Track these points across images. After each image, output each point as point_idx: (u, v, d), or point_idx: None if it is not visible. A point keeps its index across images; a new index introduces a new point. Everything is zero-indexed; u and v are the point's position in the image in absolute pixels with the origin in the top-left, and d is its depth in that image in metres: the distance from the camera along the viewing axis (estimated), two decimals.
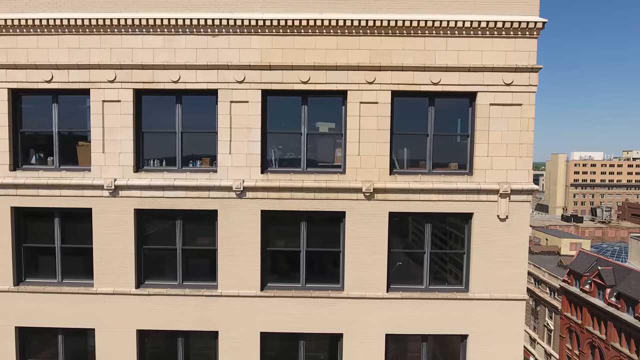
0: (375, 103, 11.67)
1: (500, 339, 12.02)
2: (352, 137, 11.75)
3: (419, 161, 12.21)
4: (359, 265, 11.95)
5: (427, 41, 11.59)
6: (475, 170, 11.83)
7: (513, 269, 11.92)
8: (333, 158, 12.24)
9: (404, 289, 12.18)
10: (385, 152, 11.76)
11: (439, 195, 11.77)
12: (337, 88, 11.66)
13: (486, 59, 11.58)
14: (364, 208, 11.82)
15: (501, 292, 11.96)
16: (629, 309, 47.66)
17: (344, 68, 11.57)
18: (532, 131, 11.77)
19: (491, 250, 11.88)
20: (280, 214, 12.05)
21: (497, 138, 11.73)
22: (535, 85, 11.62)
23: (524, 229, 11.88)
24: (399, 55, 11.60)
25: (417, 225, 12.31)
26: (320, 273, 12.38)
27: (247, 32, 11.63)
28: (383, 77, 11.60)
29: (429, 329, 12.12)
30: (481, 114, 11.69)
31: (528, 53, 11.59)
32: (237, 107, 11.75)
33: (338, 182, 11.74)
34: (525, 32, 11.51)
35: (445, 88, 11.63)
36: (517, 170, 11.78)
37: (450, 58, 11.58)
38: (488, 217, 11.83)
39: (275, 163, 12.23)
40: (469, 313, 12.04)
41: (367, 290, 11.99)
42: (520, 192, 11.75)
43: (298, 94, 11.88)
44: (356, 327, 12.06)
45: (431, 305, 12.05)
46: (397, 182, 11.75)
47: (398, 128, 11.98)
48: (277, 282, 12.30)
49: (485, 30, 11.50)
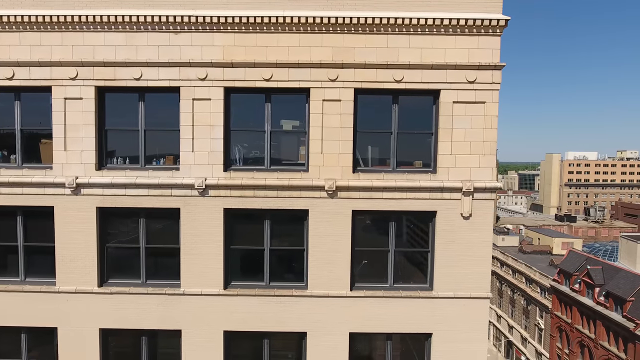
0: (338, 101, 11.62)
1: (464, 337, 11.99)
2: (315, 135, 11.70)
3: (384, 159, 12.17)
4: (323, 264, 11.90)
5: (390, 39, 11.55)
6: (439, 169, 11.80)
7: (477, 267, 11.89)
8: (297, 156, 12.18)
9: (368, 287, 12.14)
10: (349, 150, 11.71)
11: (402, 193, 11.74)
12: (299, 86, 11.61)
13: (449, 57, 11.54)
14: (327, 206, 11.77)
15: (465, 290, 11.93)
16: (617, 308, 47.78)
17: (307, 65, 11.52)
18: (496, 129, 11.74)
19: (455, 248, 11.86)
20: (244, 212, 12.00)
21: (460, 136, 11.70)
22: (498, 83, 11.59)
23: (487, 227, 11.86)
24: (362, 53, 11.55)
25: (381, 224, 12.26)
26: (285, 271, 12.33)
27: (209, 30, 11.56)
28: (346, 75, 11.55)
29: (393, 328, 12.08)
30: (444, 111, 11.66)
31: (491, 51, 11.56)
32: (199, 104, 11.68)
33: (301, 180, 11.69)
34: (488, 30, 11.48)
35: (408, 86, 11.59)
36: (480, 168, 11.75)
37: (414, 56, 11.54)
38: (452, 216, 11.80)
39: (240, 161, 12.17)
40: (433, 312, 12.00)
41: (330, 288, 11.94)
42: (484, 190, 11.72)
43: (261, 92, 11.82)
44: (320, 325, 12.02)
45: (395, 303, 12.01)
46: (360, 180, 11.71)
47: (362, 126, 11.93)
48: (241, 281, 12.25)
49: (448, 28, 11.47)
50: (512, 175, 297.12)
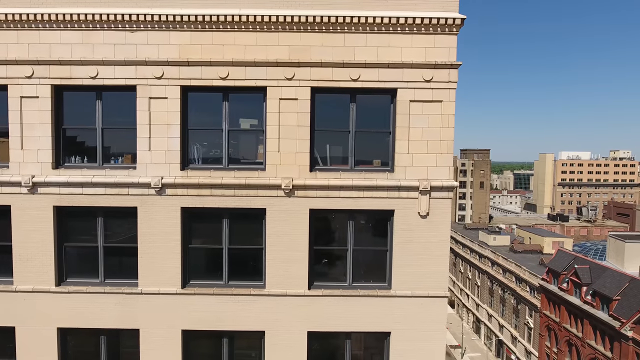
0: (295, 99, 11.61)
1: (422, 336, 12.00)
2: (272, 133, 11.68)
3: (343, 158, 12.16)
4: (280, 263, 11.88)
5: (346, 37, 11.54)
6: (396, 167, 11.80)
7: (434, 266, 11.91)
8: (256, 155, 12.16)
9: (327, 286, 12.14)
10: (306, 148, 11.70)
11: (360, 192, 11.73)
12: (256, 84, 11.59)
13: (406, 55, 11.55)
14: (284, 205, 11.76)
15: (423, 289, 11.94)
16: (603, 306, 48.00)
17: (263, 64, 11.50)
18: (453, 128, 11.75)
19: (412, 247, 11.86)
20: (202, 211, 11.97)
21: (417, 135, 11.71)
22: (455, 81, 11.60)
23: (445, 226, 11.87)
24: (319, 52, 11.54)
25: (340, 222, 12.25)
26: (244, 270, 12.30)
27: (165, 28, 11.52)
28: (302, 74, 11.53)
29: (352, 327, 12.08)
30: (402, 110, 11.67)
31: (448, 49, 11.57)
32: (156, 103, 11.65)
33: (258, 179, 11.67)
34: (444, 29, 11.49)
35: (365, 84, 11.58)
36: (437, 167, 11.76)
37: (370, 54, 11.54)
38: (409, 214, 11.81)
39: (198, 160, 12.14)
40: (391, 310, 12.01)
41: (288, 287, 11.93)
42: (441, 189, 11.73)
43: (218, 90, 11.79)
44: (278, 324, 12.00)
45: (353, 302, 12.01)
46: (318, 179, 11.70)
47: (320, 125, 11.92)
48: (200, 280, 12.22)
49: (404, 27, 11.47)
50: (507, 175, 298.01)
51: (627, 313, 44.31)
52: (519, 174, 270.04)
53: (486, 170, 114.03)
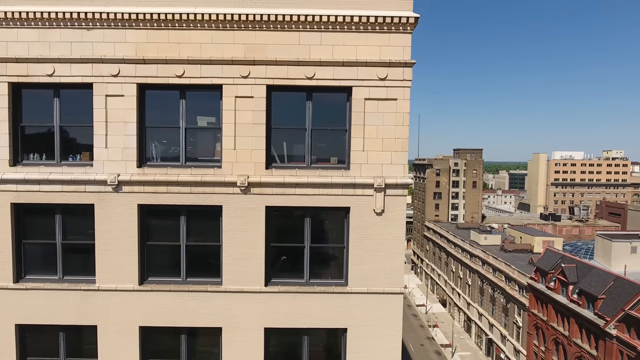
0: (251, 97, 11.69)
1: (378, 332, 12.10)
2: (228, 131, 11.76)
3: (300, 156, 12.24)
4: (237, 259, 11.97)
5: (301, 36, 11.63)
6: (352, 165, 11.90)
7: (389, 263, 12.01)
8: (214, 152, 12.24)
9: (284, 283, 12.23)
10: (262, 146, 11.79)
11: (315, 189, 11.82)
12: (212, 82, 11.66)
13: (360, 54, 11.64)
14: (240, 202, 11.84)
15: (378, 286, 12.05)
16: (589, 305, 48.30)
17: (218, 62, 11.58)
18: (407, 126, 11.86)
19: (368, 244, 11.96)
20: (159, 208, 12.04)
21: (372, 132, 11.80)
22: (409, 80, 11.70)
23: (400, 223, 11.97)
24: (274, 50, 11.62)
25: (297, 220, 12.33)
26: (201, 267, 12.37)
27: (121, 26, 11.58)
28: (257, 72, 11.62)
29: (309, 323, 12.17)
30: (357, 108, 11.76)
31: (402, 48, 11.67)
32: (112, 100, 11.70)
33: (214, 176, 11.75)
34: (399, 27, 11.59)
35: (320, 83, 11.67)
36: (392, 164, 11.86)
37: (325, 53, 11.63)
38: (365, 211, 11.90)
39: (157, 157, 12.21)
40: (347, 307, 12.11)
41: (245, 284, 12.01)
42: (396, 187, 11.83)
43: (175, 88, 11.85)
44: (235, 321, 12.09)
45: (310, 299, 12.10)
46: (273, 176, 11.78)
47: (277, 122, 12.01)
48: (157, 277, 12.28)
49: (359, 25, 11.56)
50: (502, 175, 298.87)
51: (611, 311, 44.61)
52: (514, 174, 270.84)
53: (479, 169, 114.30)
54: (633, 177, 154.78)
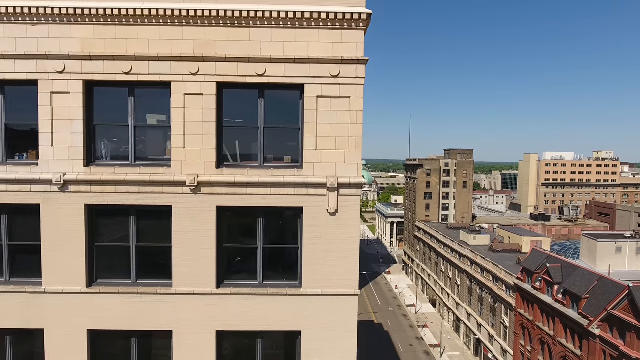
0: (201, 95, 11.42)
1: (333, 335, 11.87)
2: (177, 129, 11.48)
3: (253, 155, 11.98)
4: (187, 261, 11.69)
5: (252, 32, 11.38)
6: (305, 164, 11.66)
7: (344, 263, 11.78)
8: (164, 151, 11.95)
9: (237, 284, 11.96)
10: (212, 144, 11.52)
11: (267, 189, 11.57)
12: (160, 79, 11.38)
13: (312, 51, 11.41)
14: (190, 202, 11.56)
15: (332, 287, 11.81)
16: (573, 305, 48.36)
17: (167, 59, 11.30)
18: (361, 124, 11.64)
19: (322, 244, 11.72)
20: (107, 209, 11.74)
21: (325, 131, 11.57)
22: (362, 77, 11.48)
23: (354, 223, 11.74)
24: (224, 46, 11.36)
25: (250, 220, 12.07)
26: (152, 269, 12.08)
27: (67, 21, 11.28)
28: (207, 69, 11.35)
29: (262, 326, 11.91)
30: (309, 106, 11.53)
31: (355, 45, 11.45)
32: (58, 98, 11.39)
33: (163, 176, 11.46)
34: (351, 24, 11.36)
35: (271, 80, 11.43)
36: (346, 164, 11.64)
37: (276, 49, 11.38)
38: (318, 211, 11.67)
39: (106, 156, 11.91)
40: (301, 309, 11.86)
41: (195, 286, 11.73)
42: (349, 186, 11.61)
43: (123, 85, 11.57)
44: (186, 323, 11.80)
45: (263, 301, 11.85)
46: (224, 176, 11.52)
47: (228, 120, 11.74)
48: (107, 279, 11.98)
49: (311, 21, 11.33)
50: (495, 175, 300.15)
51: (594, 311, 44.69)
52: (507, 174, 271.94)
53: (469, 170, 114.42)
54: (622, 177, 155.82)
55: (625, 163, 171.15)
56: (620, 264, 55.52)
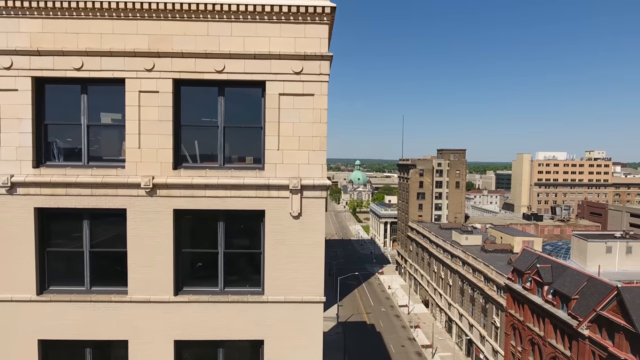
0: (156, 92, 10.85)
1: (297, 344, 11.34)
2: (132, 128, 10.91)
3: (214, 155, 11.42)
4: (143, 267, 11.12)
5: (210, 26, 10.83)
6: (267, 165, 11.12)
7: (308, 269, 11.25)
8: (119, 152, 11.37)
9: (196, 291, 11.40)
10: (169, 144, 10.96)
11: (227, 191, 11.02)
12: (113, 76, 10.81)
13: (274, 46, 10.87)
14: (146, 205, 10.99)
15: (296, 294, 11.28)
16: (563, 305, 48.08)
17: (120, 54, 10.72)
18: (326, 123, 11.11)
19: (285, 249, 11.19)
20: (59, 212, 11.15)
21: (288, 130, 11.04)
22: (326, 74, 10.96)
23: (319, 227, 11.21)
24: (181, 41, 10.80)
25: (210, 224, 11.51)
26: (107, 275, 11.50)
27: (14, 15, 10.68)
28: (163, 65, 10.79)
29: (222, 335, 11.36)
30: (271, 104, 10.99)
31: (319, 40, 10.93)
32: (5, 95, 10.79)
33: (116, 177, 10.89)
34: (314, 18, 10.84)
35: (231, 77, 10.88)
36: (310, 164, 11.11)
37: (235, 44, 10.84)
38: (281, 215, 11.13)
39: (58, 156, 11.32)
40: (263, 317, 11.32)
41: (152, 293, 11.17)
42: (313, 188, 11.08)
43: (75, 82, 10.98)
44: (142, 333, 11.23)
45: (223, 309, 11.30)
46: (181, 177, 10.96)
47: (187, 119, 11.19)
48: (59, 285, 11.39)
49: (272, 15, 10.79)
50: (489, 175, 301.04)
51: (584, 312, 44.41)
52: (501, 174, 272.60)
53: (462, 170, 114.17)
54: (614, 177, 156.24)
55: (617, 163, 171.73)
56: (610, 264, 55.35)
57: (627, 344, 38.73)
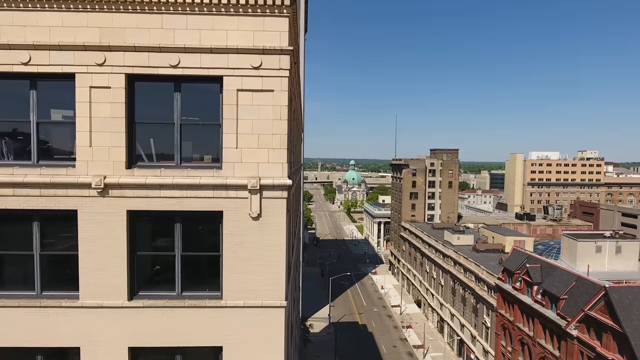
0: (108, 88, 10.36)
1: (257, 350, 10.89)
2: (82, 125, 10.42)
3: (171, 154, 10.94)
4: (95, 270, 10.63)
5: (165, 19, 10.35)
6: (225, 164, 10.65)
7: (269, 273, 10.80)
8: (71, 150, 10.86)
9: (152, 296, 10.93)
10: (121, 142, 10.47)
11: (183, 191, 10.55)
12: (63, 70, 10.31)
13: (232, 40, 10.41)
14: (98, 206, 10.50)
15: (256, 299, 10.83)
16: (552, 305, 47.88)
17: (70, 48, 10.23)
18: (286, 120, 10.67)
19: (244, 252, 10.73)
20: (6, 213, 10.62)
21: (247, 128, 10.58)
22: (287, 69, 10.51)
23: (280, 228, 10.77)
24: (133, 35, 10.32)
25: (166, 226, 11.03)
26: (58, 279, 11.00)
27: None
28: (115, 59, 10.30)
29: (179, 341, 10.89)
30: (229, 100, 10.52)
31: (279, 33, 10.47)
32: None
33: (66, 177, 10.39)
34: (274, 10, 10.39)
35: (186, 72, 10.41)
36: (270, 163, 10.66)
37: (191, 38, 10.37)
38: (239, 216, 10.67)
39: (7, 155, 10.79)
40: (222, 323, 10.86)
41: (105, 298, 10.68)
42: (273, 188, 10.63)
43: (23, 77, 10.47)
44: (95, 339, 10.74)
45: (181, 314, 10.83)
46: (134, 177, 10.48)
47: (141, 116, 10.70)
48: (6, 291, 10.87)
49: (229, 7, 10.33)
50: (484, 175, 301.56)
51: (573, 312, 44.21)
52: (495, 174, 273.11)
53: (454, 170, 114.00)
54: (606, 177, 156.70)
55: (610, 163, 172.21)
56: (600, 264, 55.26)
57: (615, 344, 38.54)
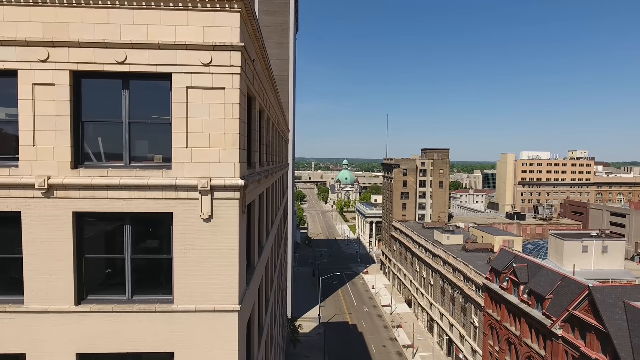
0: (52, 85, 9.99)
1: (210, 356, 10.56)
2: (25, 124, 10.03)
3: (120, 154, 10.59)
4: (41, 274, 10.25)
5: (111, 14, 10.00)
6: (175, 164, 10.32)
7: (222, 276, 10.48)
8: (15, 150, 10.47)
9: (100, 301, 10.57)
10: (67, 142, 10.10)
11: (131, 192, 10.20)
12: (4, 67, 9.92)
13: (181, 35, 10.08)
14: (42, 207, 10.13)
15: (209, 303, 10.50)
16: (538, 305, 47.88)
17: (11, 43, 9.85)
18: (238, 119, 10.34)
19: (195, 255, 10.40)
20: None
21: (198, 127, 10.25)
22: (238, 66, 10.19)
23: (232, 231, 10.44)
24: (78, 30, 9.96)
25: (115, 228, 10.68)
26: (3, 283, 10.60)
27: None
28: (59, 55, 9.93)
29: (129, 347, 10.54)
30: (178, 98, 10.19)
31: (230, 29, 10.15)
32: None
33: (8, 178, 10.01)
34: (224, 6, 10.06)
35: (134, 68, 10.06)
36: (221, 163, 10.33)
37: (138, 34, 10.02)
38: (190, 218, 10.34)
39: None
40: (174, 328, 10.52)
41: (51, 303, 10.31)
42: (225, 189, 10.31)
43: None
44: (41, 345, 10.38)
45: (130, 319, 10.47)
46: (80, 178, 10.11)
47: (88, 115, 10.34)
48: None
49: (178, 2, 9.99)
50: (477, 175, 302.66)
51: (558, 312, 44.21)
52: (488, 174, 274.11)
53: (445, 169, 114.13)
54: (597, 176, 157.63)
55: (600, 162, 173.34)
56: (586, 264, 55.38)
57: (599, 343, 38.54)
